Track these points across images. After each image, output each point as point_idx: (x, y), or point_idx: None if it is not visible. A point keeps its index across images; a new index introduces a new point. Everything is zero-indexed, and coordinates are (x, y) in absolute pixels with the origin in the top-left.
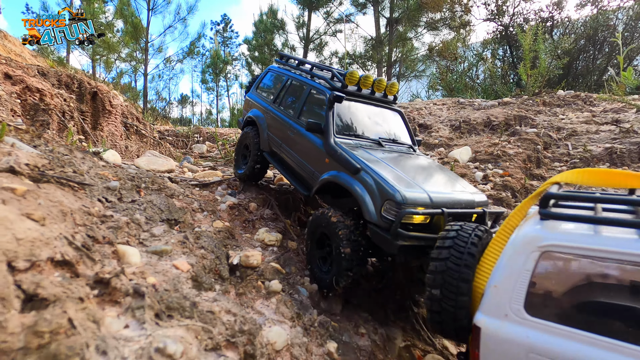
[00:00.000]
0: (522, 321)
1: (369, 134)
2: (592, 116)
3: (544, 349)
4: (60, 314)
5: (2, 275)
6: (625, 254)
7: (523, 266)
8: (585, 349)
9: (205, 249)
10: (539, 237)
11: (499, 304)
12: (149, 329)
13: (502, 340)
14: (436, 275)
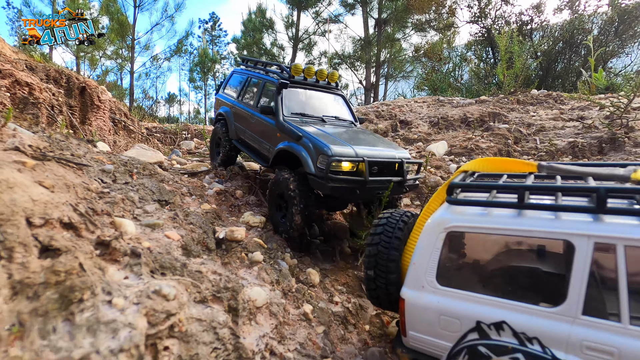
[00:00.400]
0: (434, 290)
1: (313, 113)
2: (560, 113)
3: (450, 311)
4: (72, 260)
5: (22, 227)
6: (508, 230)
7: (434, 245)
8: (480, 308)
9: (193, 224)
10: (445, 220)
11: (417, 278)
12: (146, 279)
13: (421, 308)
14: (370, 259)
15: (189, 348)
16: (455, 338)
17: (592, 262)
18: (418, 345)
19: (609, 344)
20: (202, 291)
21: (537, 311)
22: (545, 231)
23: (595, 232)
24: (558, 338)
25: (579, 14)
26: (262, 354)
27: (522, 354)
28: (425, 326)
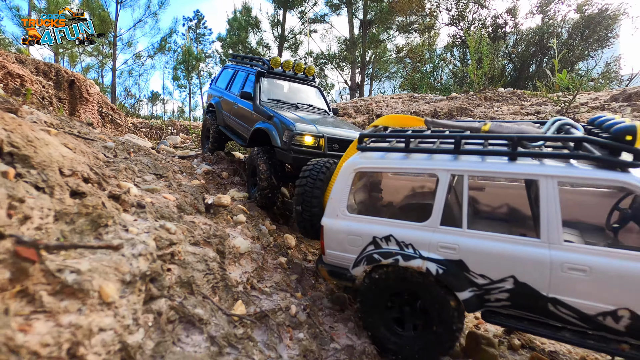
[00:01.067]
0: (345, 217)
1: (288, 100)
2: (520, 109)
3: (355, 231)
4: (96, 199)
5: (57, 174)
6: (398, 168)
7: (346, 183)
8: (376, 227)
9: (186, 192)
10: (354, 163)
11: (333, 209)
12: (151, 221)
13: (335, 231)
14: (298, 196)
15: (186, 272)
16: (358, 251)
17: (449, 188)
18: (333, 260)
19: (453, 243)
20: (195, 236)
21: (412, 226)
22: (422, 168)
23: (452, 167)
24: (424, 242)
25: (549, 18)
26: (244, 285)
27: (401, 256)
28: (338, 245)
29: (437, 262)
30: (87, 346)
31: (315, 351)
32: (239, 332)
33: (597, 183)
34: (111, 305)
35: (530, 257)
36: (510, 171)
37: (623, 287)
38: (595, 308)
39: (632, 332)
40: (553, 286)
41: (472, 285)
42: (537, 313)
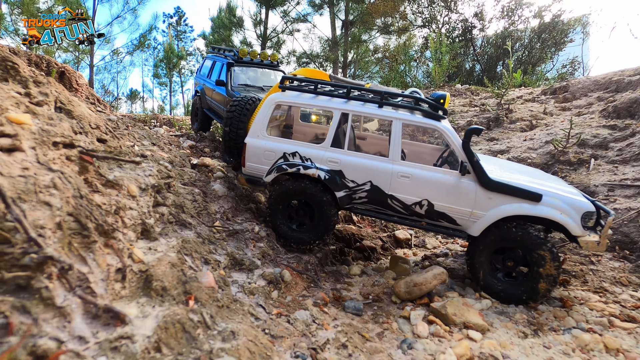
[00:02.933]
0: (264, 137)
1: (255, 84)
2: (470, 102)
3: (270, 148)
4: (115, 143)
5: (87, 126)
6: (307, 105)
7: (267, 112)
8: (286, 146)
9: (175, 154)
10: (276, 97)
11: (256, 131)
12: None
13: (255, 147)
14: (227, 120)
15: (179, 199)
16: (271, 163)
17: (338, 122)
18: (250, 171)
19: (337, 158)
20: (184, 179)
21: (312, 146)
22: (324, 106)
23: (343, 107)
24: (318, 157)
25: (511, 23)
26: (221, 215)
27: (302, 166)
28: (256, 158)
29: (326, 171)
30: (124, 211)
31: (270, 254)
32: (217, 236)
33: (423, 126)
34: (135, 198)
35: (381, 169)
36: (377, 114)
37: (426, 187)
38: (411, 200)
39: (428, 214)
40: (392, 187)
41: (345, 187)
42: (381, 205)
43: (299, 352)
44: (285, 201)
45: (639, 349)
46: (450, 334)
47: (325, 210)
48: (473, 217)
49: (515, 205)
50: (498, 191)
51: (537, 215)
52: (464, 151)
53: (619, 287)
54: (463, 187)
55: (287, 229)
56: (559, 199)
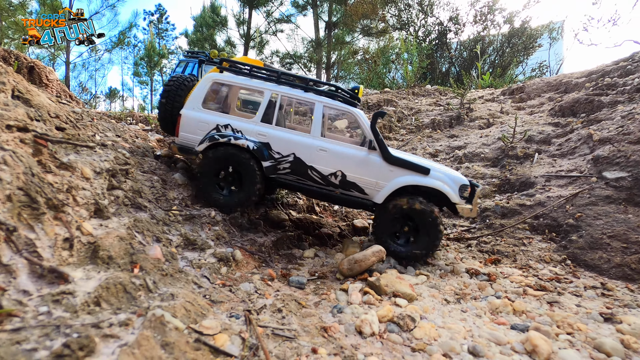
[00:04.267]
0: (200, 110)
1: None
2: (435, 101)
3: (205, 120)
4: (73, 131)
5: (46, 114)
6: (242, 84)
7: (205, 87)
8: (219, 118)
9: (139, 145)
10: (214, 75)
11: (192, 103)
12: (111, 151)
13: (190, 119)
14: (165, 92)
15: (137, 185)
16: (204, 134)
17: (268, 101)
18: (184, 140)
19: (266, 132)
20: (144, 167)
21: (243, 121)
22: (257, 86)
23: (273, 89)
24: (249, 130)
25: (484, 28)
26: (179, 201)
27: (233, 137)
28: (190, 128)
29: (254, 142)
30: (77, 190)
31: (225, 236)
32: (173, 219)
33: (341, 109)
34: (89, 180)
35: (303, 143)
36: (302, 96)
37: (340, 160)
38: (328, 170)
39: (342, 184)
40: (312, 159)
41: (271, 158)
42: (302, 176)
43: (234, 313)
44: (216, 166)
45: (540, 310)
46: (380, 301)
47: (251, 176)
48: (377, 187)
49: (410, 177)
50: (397, 165)
51: (426, 185)
52: (372, 131)
53: (542, 264)
54: (370, 161)
55: (215, 193)
56: (442, 173)
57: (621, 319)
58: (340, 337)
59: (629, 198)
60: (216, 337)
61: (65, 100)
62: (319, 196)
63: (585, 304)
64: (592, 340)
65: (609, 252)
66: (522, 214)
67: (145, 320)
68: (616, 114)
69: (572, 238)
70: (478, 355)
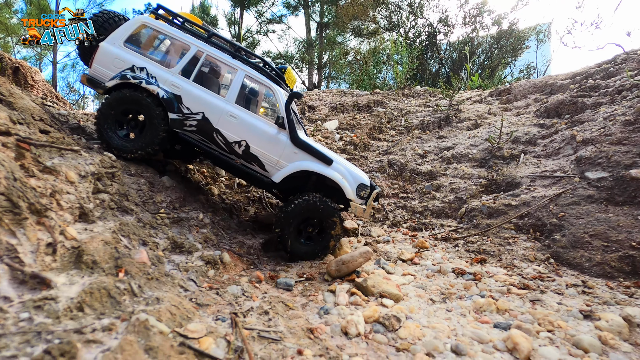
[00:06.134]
0: (119, 47)
1: None
2: (425, 102)
3: (122, 57)
4: (58, 134)
5: (30, 117)
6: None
7: (130, 27)
8: (136, 59)
9: None
10: (143, 17)
11: (114, 39)
12: (97, 154)
13: (107, 53)
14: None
15: (124, 187)
16: (117, 71)
17: (192, 56)
18: (95, 73)
19: (180, 85)
20: (130, 170)
21: (162, 68)
22: (185, 40)
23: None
24: (164, 79)
25: (473, 29)
26: (167, 204)
27: (145, 81)
28: (105, 63)
29: (166, 92)
30: (61, 195)
31: (213, 239)
32: (160, 222)
33: (261, 82)
34: (74, 183)
35: (215, 104)
36: (227, 61)
37: (248, 130)
38: (233, 138)
39: (244, 155)
40: (220, 123)
41: (180, 112)
42: (207, 137)
43: (220, 316)
44: (119, 108)
45: (522, 309)
46: (367, 302)
47: (155, 123)
48: (278, 166)
49: (311, 163)
50: (302, 149)
51: (323, 174)
52: (285, 110)
53: (527, 263)
54: (277, 138)
55: (114, 136)
56: (345, 168)
57: (600, 316)
58: (326, 338)
59: (610, 198)
60: (201, 341)
61: (52, 102)
62: (218, 162)
63: (566, 301)
64: (572, 337)
65: (590, 251)
66: (507, 214)
67: (129, 325)
68: (598, 116)
69: (555, 237)
70: (461, 354)
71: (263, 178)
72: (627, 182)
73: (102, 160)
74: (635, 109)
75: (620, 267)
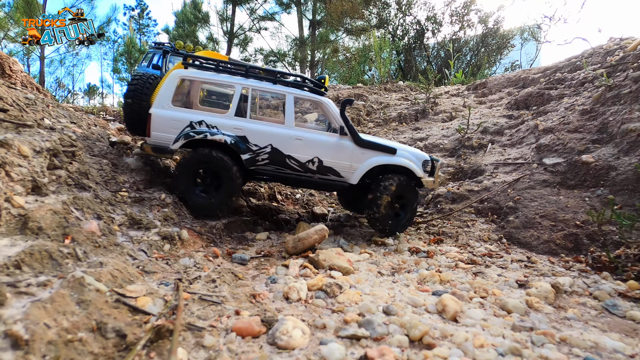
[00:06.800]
0: (170, 108)
1: None
2: (404, 96)
3: (177, 118)
4: (17, 112)
5: (2, 102)
6: (210, 80)
7: (172, 85)
8: (192, 115)
9: (94, 132)
10: (180, 72)
11: (161, 102)
12: (58, 133)
13: (161, 117)
14: (130, 92)
15: (84, 167)
16: (178, 132)
17: (240, 95)
18: (156, 140)
19: (241, 126)
20: (94, 150)
21: (217, 116)
22: (226, 81)
23: (244, 83)
24: (224, 125)
25: (460, 28)
26: (130, 185)
27: (209, 133)
28: (162, 127)
29: (231, 137)
30: (11, 167)
31: (174, 218)
32: (119, 200)
33: (310, 99)
34: (27, 158)
35: (280, 133)
36: (273, 89)
37: (316, 147)
38: (306, 158)
39: (319, 170)
40: (289, 148)
41: (249, 150)
42: (281, 165)
43: (165, 281)
44: (194, 169)
45: (463, 279)
46: (315, 274)
47: (231, 176)
48: (352, 169)
49: (380, 158)
50: (367, 147)
51: (395, 163)
52: (342, 118)
53: (480, 242)
54: (343, 146)
55: (195, 196)
56: (408, 152)
57: (532, 284)
58: (268, 302)
59: (563, 181)
60: (139, 299)
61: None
62: (298, 183)
63: (506, 274)
64: (501, 302)
65: (539, 230)
66: (469, 199)
67: (64, 281)
68: (561, 106)
69: (509, 219)
70: (390, 314)
71: (342, 184)
72: (579, 166)
73: (61, 138)
74: (592, 99)
75: (564, 245)
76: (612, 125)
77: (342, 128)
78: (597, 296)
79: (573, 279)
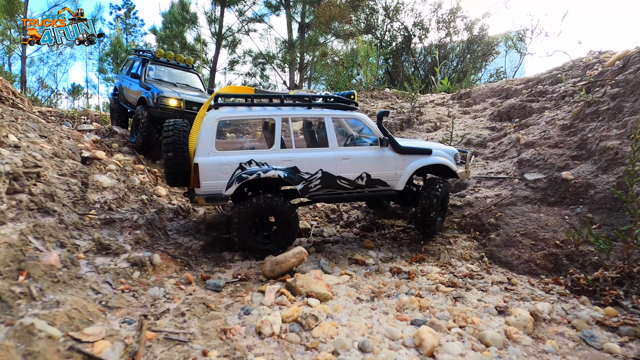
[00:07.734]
0: (215, 154)
1: (169, 81)
2: (390, 104)
3: (225, 162)
4: None
5: None
6: (246, 116)
7: (212, 129)
8: (240, 156)
9: (64, 147)
10: (216, 115)
11: (204, 149)
12: (22, 153)
13: (208, 165)
14: (168, 145)
15: (50, 188)
16: (229, 176)
17: (281, 127)
18: (208, 189)
19: (290, 157)
20: (62, 170)
21: (264, 152)
22: (263, 115)
23: (281, 114)
24: (273, 160)
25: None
26: (101, 205)
27: (261, 171)
28: (211, 175)
29: (282, 170)
30: None
31: (147, 240)
32: (87, 223)
33: (345, 117)
34: None
35: (327, 157)
36: (309, 114)
37: (362, 163)
38: (355, 175)
39: (368, 184)
40: (338, 170)
41: (302, 180)
42: (332, 187)
43: (128, 319)
44: (254, 217)
45: (443, 306)
46: (292, 302)
47: (290, 219)
48: (396, 177)
49: (420, 161)
50: (407, 153)
51: (433, 163)
52: (380, 130)
53: (462, 261)
54: (386, 156)
55: (255, 243)
56: (441, 150)
57: (512, 312)
58: (239, 338)
59: (543, 198)
60: (96, 344)
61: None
62: (350, 199)
63: (487, 298)
64: (479, 332)
65: (520, 249)
66: (452, 214)
67: (10, 330)
68: (542, 120)
69: (491, 236)
70: (366, 351)
71: (390, 192)
72: (559, 183)
73: (24, 159)
74: (572, 114)
75: (544, 265)
76: (591, 142)
77: (382, 139)
78: (575, 325)
79: (552, 304)
